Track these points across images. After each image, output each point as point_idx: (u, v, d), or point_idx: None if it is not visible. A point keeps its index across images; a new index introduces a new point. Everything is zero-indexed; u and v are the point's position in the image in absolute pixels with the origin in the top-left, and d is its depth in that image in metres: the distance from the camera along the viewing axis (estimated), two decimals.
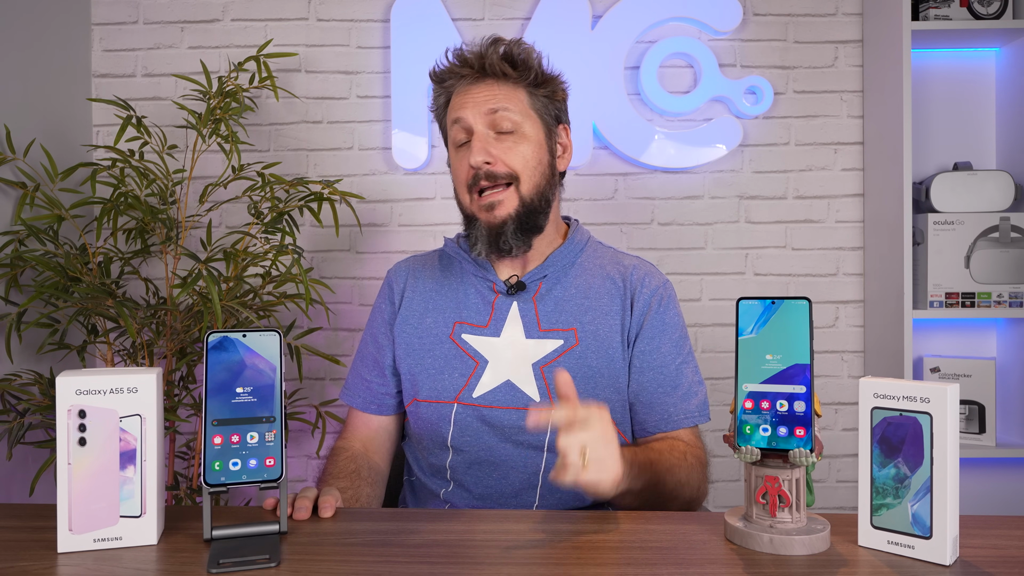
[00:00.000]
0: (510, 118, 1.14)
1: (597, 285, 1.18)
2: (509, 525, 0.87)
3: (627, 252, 1.25)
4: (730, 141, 1.99)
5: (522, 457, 1.12)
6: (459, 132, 1.16)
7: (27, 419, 1.55)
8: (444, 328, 1.18)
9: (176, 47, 2.03)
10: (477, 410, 1.13)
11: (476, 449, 1.13)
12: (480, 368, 1.14)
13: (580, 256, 1.21)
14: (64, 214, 1.59)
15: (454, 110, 1.17)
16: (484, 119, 1.13)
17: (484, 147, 1.12)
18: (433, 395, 1.16)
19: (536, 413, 0.85)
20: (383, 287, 1.28)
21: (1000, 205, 1.83)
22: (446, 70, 1.18)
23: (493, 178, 1.13)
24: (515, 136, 1.14)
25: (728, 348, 2.03)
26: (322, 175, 2.01)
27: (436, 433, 1.15)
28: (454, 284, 1.22)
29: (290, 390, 1.94)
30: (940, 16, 1.84)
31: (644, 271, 1.21)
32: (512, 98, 1.15)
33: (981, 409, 1.84)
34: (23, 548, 0.79)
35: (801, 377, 0.77)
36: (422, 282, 1.25)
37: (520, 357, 1.14)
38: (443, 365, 1.16)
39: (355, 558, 0.77)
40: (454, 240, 1.27)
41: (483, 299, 1.18)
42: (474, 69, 1.15)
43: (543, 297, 1.17)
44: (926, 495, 0.74)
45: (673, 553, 0.78)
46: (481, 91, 1.15)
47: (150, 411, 0.80)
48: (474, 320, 1.17)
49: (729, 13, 1.96)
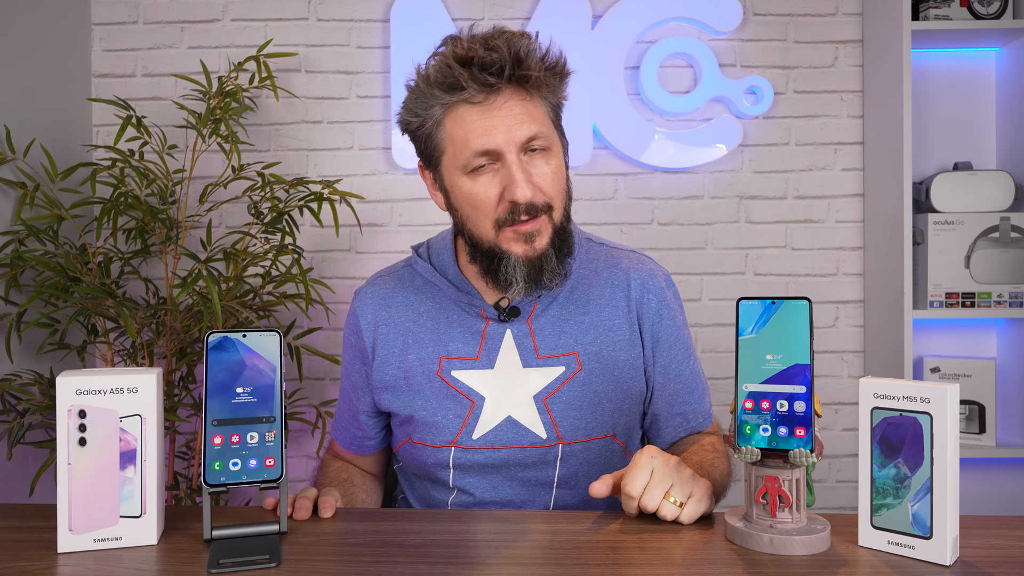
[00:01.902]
0: (543, 135, 0.96)
1: (597, 296, 1.07)
2: (509, 525, 0.87)
3: (620, 247, 1.13)
4: (730, 141, 1.99)
5: (530, 495, 1.05)
6: (479, 158, 0.95)
7: (27, 419, 1.55)
8: (430, 365, 1.05)
9: (176, 47, 2.03)
10: (479, 452, 1.03)
11: (480, 490, 1.05)
12: (477, 407, 1.03)
13: (574, 263, 1.06)
14: (64, 214, 1.59)
15: (472, 132, 0.94)
16: (518, 142, 0.94)
17: (528, 179, 0.95)
18: (428, 439, 1.05)
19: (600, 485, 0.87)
20: (351, 321, 1.11)
21: (1000, 205, 1.83)
22: (461, 77, 0.92)
23: (534, 211, 0.96)
24: (547, 156, 0.98)
25: (728, 348, 2.03)
26: (322, 175, 2.01)
27: (435, 475, 1.07)
28: (433, 312, 1.07)
29: (290, 390, 1.94)
30: (940, 16, 1.84)
31: (645, 273, 1.09)
32: (538, 110, 0.97)
33: (981, 409, 1.84)
34: (23, 548, 0.79)
35: (801, 377, 0.77)
36: (396, 312, 1.08)
37: (519, 390, 1.03)
38: (435, 407, 1.04)
39: (355, 558, 0.77)
40: (423, 256, 1.10)
41: (469, 328, 1.05)
42: (502, 78, 0.93)
43: (539, 319, 1.04)
44: (926, 495, 0.74)
45: (673, 553, 0.78)
46: (508, 105, 0.94)
47: (150, 411, 0.80)
48: (462, 353, 1.04)
49: (729, 13, 1.96)
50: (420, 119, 0.99)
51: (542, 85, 0.96)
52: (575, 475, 1.05)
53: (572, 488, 1.06)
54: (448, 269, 1.07)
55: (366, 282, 1.15)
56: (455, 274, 1.06)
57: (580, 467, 1.05)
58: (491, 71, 0.92)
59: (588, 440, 1.05)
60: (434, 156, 1.01)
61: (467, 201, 0.99)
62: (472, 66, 0.92)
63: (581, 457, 1.05)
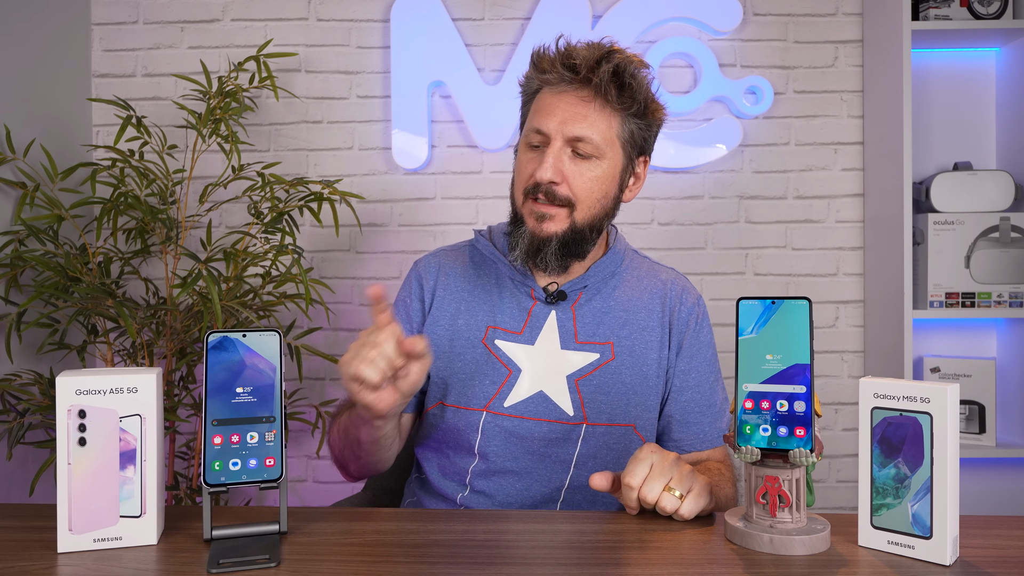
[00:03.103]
0: (594, 143, 1.06)
1: (636, 299, 1.15)
2: (509, 525, 0.87)
3: (662, 264, 1.24)
4: (730, 141, 1.99)
5: (548, 470, 1.09)
6: (534, 134, 1.08)
7: (27, 419, 1.55)
8: (477, 332, 1.13)
9: (176, 47, 2.03)
10: (508, 419, 1.09)
11: (502, 459, 1.09)
12: (513, 377, 1.10)
13: (620, 267, 1.17)
14: (64, 214, 1.59)
15: (540, 111, 1.08)
16: (566, 135, 1.06)
17: (557, 165, 1.06)
18: (462, 401, 1.11)
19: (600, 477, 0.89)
20: (410, 282, 1.21)
21: (1000, 205, 1.83)
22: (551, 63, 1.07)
23: (552, 197, 1.06)
24: (591, 163, 1.07)
25: (728, 348, 2.03)
26: (322, 175, 2.01)
27: (462, 438, 1.11)
28: (488, 286, 1.17)
29: (290, 390, 1.94)
30: (940, 16, 1.84)
31: (681, 287, 1.18)
32: (602, 121, 1.07)
33: (981, 409, 1.84)
34: (23, 548, 0.79)
35: (801, 377, 0.77)
36: (454, 280, 1.18)
37: (555, 368, 1.10)
38: (474, 371, 1.12)
39: (355, 558, 0.77)
40: (485, 236, 1.21)
41: (519, 304, 1.14)
42: (578, 76, 1.06)
43: (582, 307, 1.13)
44: (926, 495, 0.74)
45: (673, 553, 0.78)
46: (574, 103, 1.06)
47: (150, 411, 0.80)
48: (508, 326, 1.13)
49: (729, 13, 1.96)
50: (526, 92, 1.15)
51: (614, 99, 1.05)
52: (594, 456, 1.10)
53: (590, 469, 1.09)
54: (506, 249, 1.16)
55: (427, 254, 1.25)
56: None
57: (599, 450, 1.10)
58: (570, 65, 1.06)
59: (611, 425, 1.10)
60: (522, 125, 1.16)
61: (516, 167, 1.14)
62: (560, 55, 1.08)
63: (602, 440, 1.10)
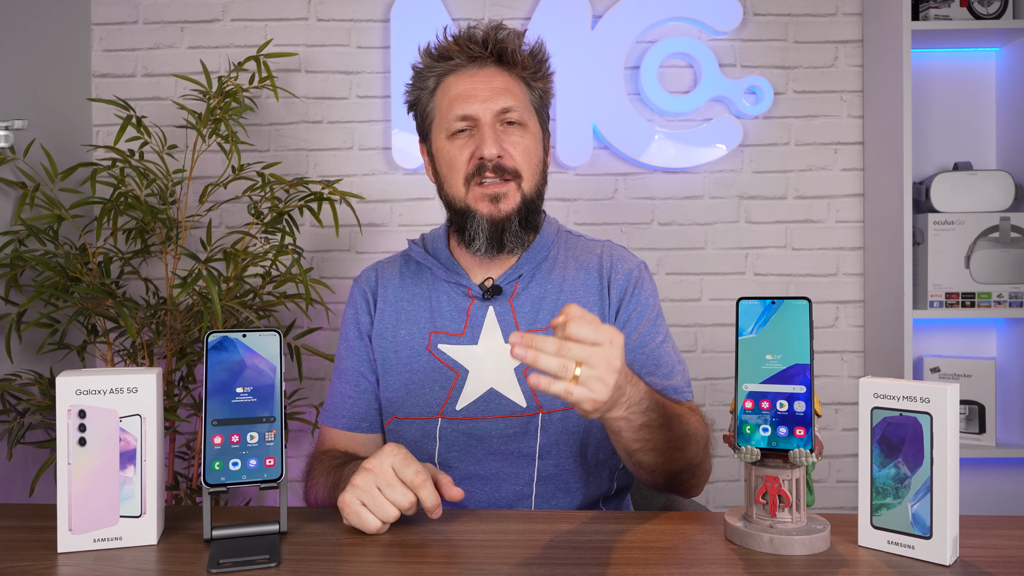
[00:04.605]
0: (519, 111, 1.09)
1: (572, 277, 1.15)
2: (508, 525, 0.87)
3: (595, 238, 1.23)
4: (730, 141, 1.99)
5: (513, 467, 1.08)
6: (458, 120, 1.09)
7: (27, 419, 1.55)
8: (420, 340, 1.13)
9: (176, 47, 2.03)
10: (463, 422, 1.08)
11: (465, 464, 1.08)
12: (461, 379, 1.09)
13: (552, 250, 1.17)
14: (64, 214, 1.59)
15: (457, 98, 1.09)
16: (494, 109, 1.08)
17: (496, 139, 1.07)
18: (415, 411, 1.10)
19: (519, 336, 0.75)
20: (355, 299, 1.21)
21: (1000, 205, 1.83)
22: (451, 47, 1.10)
23: (500, 172, 1.08)
24: (522, 131, 1.10)
25: (728, 348, 2.03)
26: (322, 175, 2.01)
27: (421, 451, 1.10)
28: (424, 291, 1.16)
29: (290, 390, 1.94)
30: (940, 16, 1.84)
31: (616, 255, 1.17)
32: (518, 89, 1.11)
33: (981, 409, 1.84)
34: (23, 548, 0.79)
35: (801, 377, 0.77)
36: (392, 291, 1.18)
37: (501, 363, 1.09)
38: (423, 379, 1.11)
39: (355, 558, 0.77)
40: (419, 244, 1.21)
41: (456, 306, 1.13)
42: (486, 51, 1.09)
43: (519, 297, 1.13)
44: (926, 495, 0.74)
45: (673, 553, 0.78)
46: (489, 79, 1.09)
47: (150, 411, 0.80)
48: (449, 329, 1.12)
49: (729, 13, 1.96)
50: (418, 92, 1.15)
51: (522, 67, 1.11)
52: (556, 444, 1.07)
53: (554, 459, 1.07)
54: (440, 252, 1.17)
55: (366, 268, 1.25)
56: (446, 256, 1.16)
57: (560, 436, 1.08)
58: (475, 42, 1.09)
59: (567, 410, 1.08)
60: (427, 126, 1.15)
61: (445, 161, 1.12)
62: (460, 39, 1.10)
63: (560, 426, 1.08)
